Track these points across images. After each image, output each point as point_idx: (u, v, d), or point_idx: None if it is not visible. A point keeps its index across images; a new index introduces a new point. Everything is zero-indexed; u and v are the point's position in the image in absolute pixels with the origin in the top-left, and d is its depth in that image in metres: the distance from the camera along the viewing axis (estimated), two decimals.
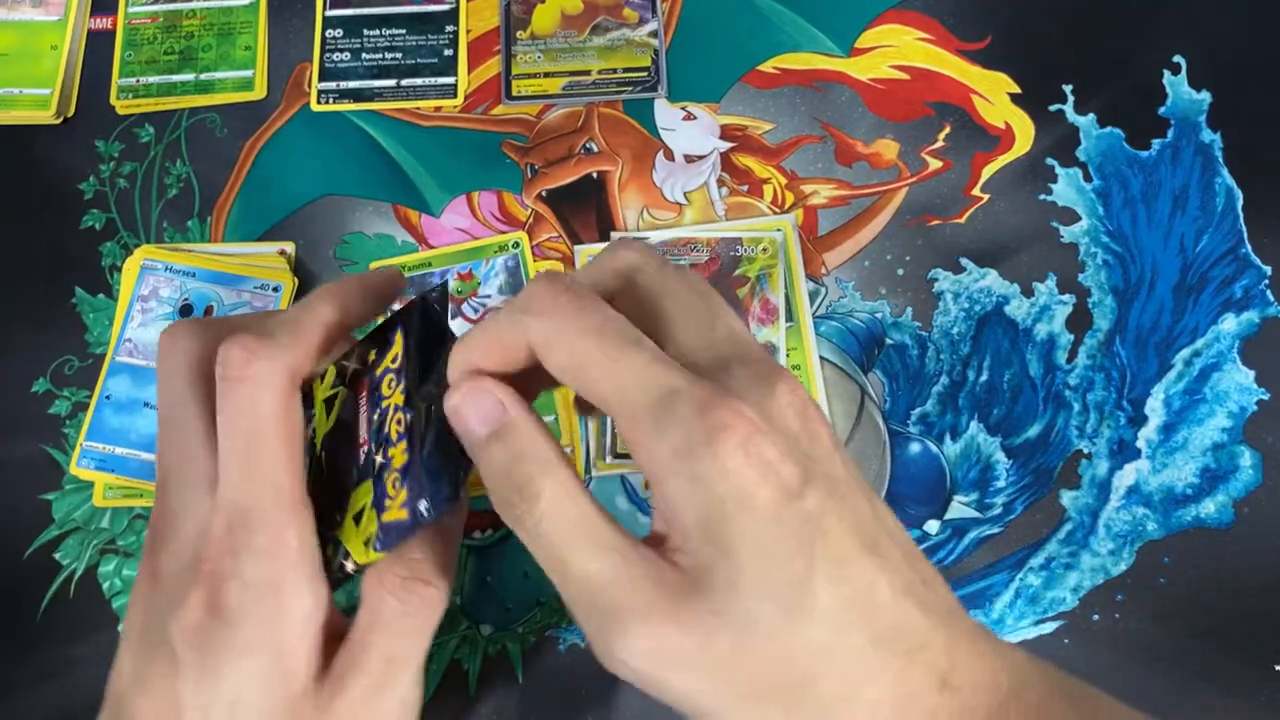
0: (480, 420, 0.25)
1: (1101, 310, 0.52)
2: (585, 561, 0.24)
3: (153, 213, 0.55)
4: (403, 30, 0.58)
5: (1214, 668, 0.47)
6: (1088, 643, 0.47)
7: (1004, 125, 0.55)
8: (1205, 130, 0.54)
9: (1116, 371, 0.51)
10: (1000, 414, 0.51)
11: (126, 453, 0.49)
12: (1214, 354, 0.51)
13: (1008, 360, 0.51)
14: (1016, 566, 0.48)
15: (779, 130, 0.55)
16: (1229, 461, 0.49)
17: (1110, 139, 0.54)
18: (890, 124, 0.55)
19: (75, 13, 0.59)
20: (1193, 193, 0.53)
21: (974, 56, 0.56)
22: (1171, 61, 0.55)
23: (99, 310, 0.54)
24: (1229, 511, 0.49)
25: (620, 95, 0.56)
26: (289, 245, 0.54)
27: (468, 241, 0.54)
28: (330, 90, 0.57)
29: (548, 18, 0.58)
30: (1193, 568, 0.48)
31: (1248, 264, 0.52)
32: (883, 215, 0.54)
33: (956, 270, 0.52)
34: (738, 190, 0.54)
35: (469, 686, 0.47)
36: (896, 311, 0.52)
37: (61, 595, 0.49)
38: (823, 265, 0.53)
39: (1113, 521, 0.49)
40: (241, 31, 0.58)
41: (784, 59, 0.56)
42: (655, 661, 0.23)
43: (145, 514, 0.51)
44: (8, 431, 0.52)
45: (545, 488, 0.24)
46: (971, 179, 0.54)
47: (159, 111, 0.57)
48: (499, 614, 0.48)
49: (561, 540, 0.24)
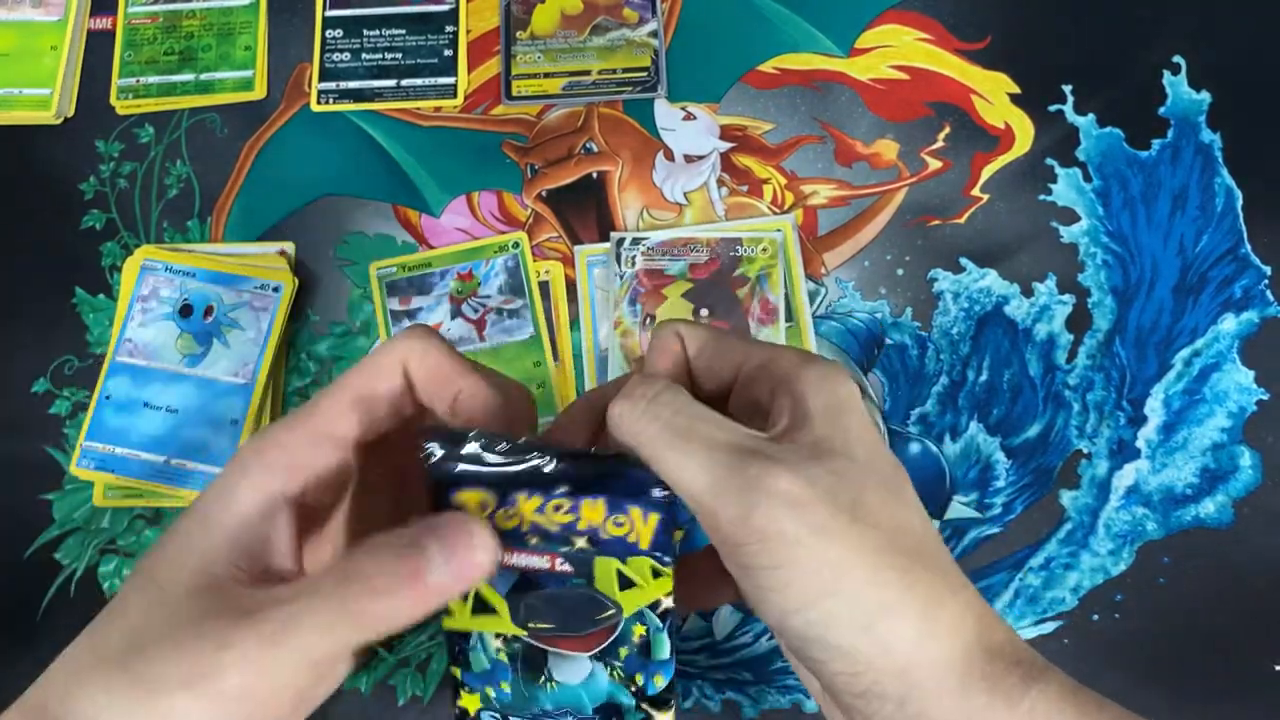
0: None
1: (1101, 310, 0.52)
2: (729, 433, 0.27)
3: (153, 213, 0.55)
4: (403, 30, 0.58)
5: (1214, 668, 0.47)
6: (1088, 643, 0.47)
7: (1004, 125, 0.55)
8: (1205, 130, 0.54)
9: (1116, 371, 0.51)
10: (1000, 414, 0.51)
11: (126, 453, 0.49)
12: (1214, 354, 0.51)
13: (1007, 360, 0.51)
14: (1016, 566, 0.48)
15: (779, 130, 0.55)
16: (1229, 461, 0.49)
17: (1110, 139, 0.54)
18: (890, 124, 0.55)
19: (75, 13, 0.59)
20: (1192, 193, 0.53)
21: (974, 56, 0.56)
22: (1171, 61, 0.55)
23: (99, 310, 0.54)
24: (1229, 511, 0.49)
25: (620, 95, 0.56)
26: (289, 245, 0.54)
27: (468, 241, 0.54)
28: (330, 90, 0.57)
29: (548, 18, 0.58)
30: (1193, 568, 0.48)
31: (1247, 264, 0.52)
32: (882, 215, 0.54)
33: (956, 270, 0.52)
34: (738, 190, 0.54)
35: None
36: (896, 311, 0.52)
37: (61, 595, 0.49)
38: (823, 265, 0.53)
39: (1112, 521, 0.49)
40: (241, 32, 0.58)
41: (784, 59, 0.56)
42: (791, 507, 0.25)
43: (145, 514, 0.51)
44: (8, 431, 0.52)
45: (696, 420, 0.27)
46: (971, 179, 0.54)
47: (159, 111, 0.57)
48: None
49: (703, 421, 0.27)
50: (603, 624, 0.28)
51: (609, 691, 0.29)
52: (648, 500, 0.27)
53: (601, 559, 0.27)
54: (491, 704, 0.29)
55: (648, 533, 0.27)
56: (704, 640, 0.48)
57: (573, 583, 0.27)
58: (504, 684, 0.29)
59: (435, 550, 0.25)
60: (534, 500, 0.27)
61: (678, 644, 0.28)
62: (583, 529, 0.27)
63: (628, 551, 0.27)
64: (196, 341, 0.51)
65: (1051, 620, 0.48)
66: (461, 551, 0.25)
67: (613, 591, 0.28)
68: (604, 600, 0.28)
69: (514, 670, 0.28)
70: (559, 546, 0.27)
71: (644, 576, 0.27)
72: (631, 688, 0.28)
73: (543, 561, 0.27)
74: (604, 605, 0.28)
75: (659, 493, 0.27)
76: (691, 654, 0.48)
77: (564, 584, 0.28)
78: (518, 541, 0.27)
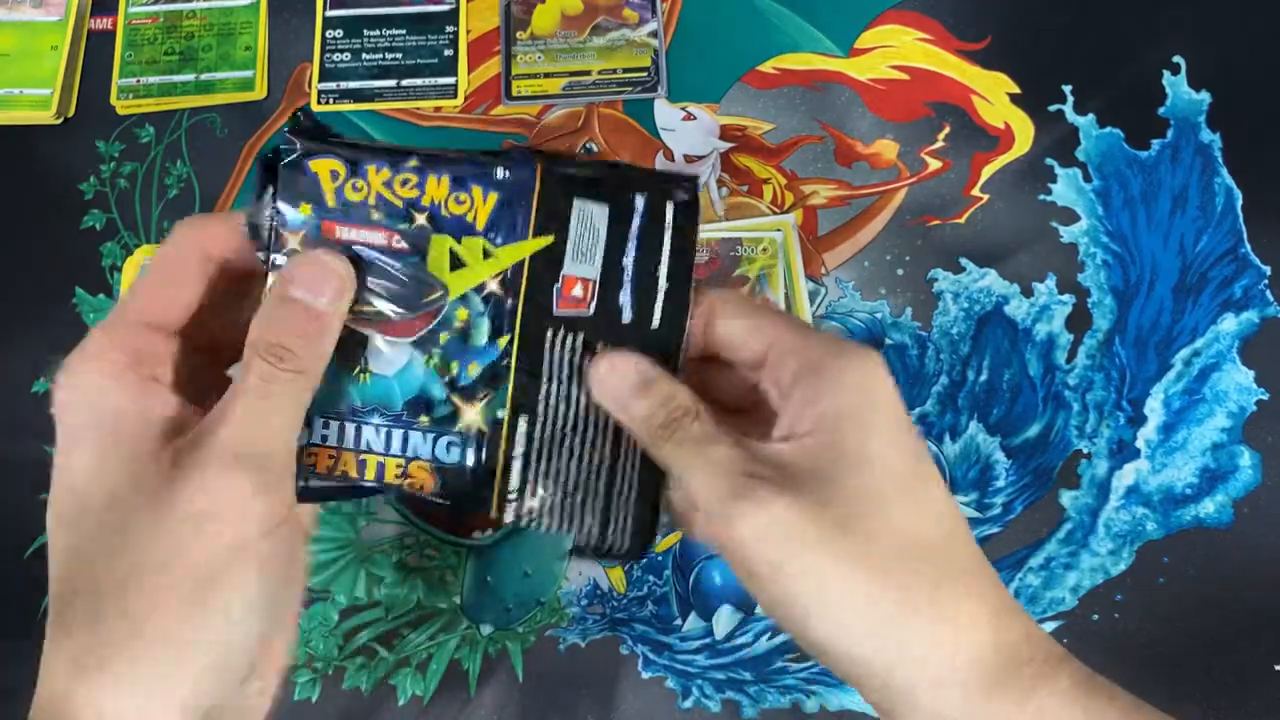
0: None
1: (1101, 310, 0.52)
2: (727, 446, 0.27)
3: (153, 213, 0.55)
4: (403, 30, 0.58)
5: (1214, 668, 0.47)
6: (1087, 643, 0.47)
7: (1004, 125, 0.55)
8: (1205, 130, 0.54)
9: (1116, 371, 0.51)
10: (1000, 414, 0.51)
11: None
12: (1213, 354, 0.51)
13: (1007, 360, 0.51)
14: (1016, 566, 0.48)
15: (779, 130, 0.55)
16: (1228, 461, 0.49)
17: (1110, 139, 0.54)
18: (890, 124, 0.55)
19: (75, 13, 0.59)
20: (1192, 193, 0.53)
21: (974, 56, 0.56)
22: (1171, 61, 0.55)
23: (99, 310, 0.54)
24: (1229, 511, 0.49)
25: (620, 95, 0.56)
26: None
27: None
28: (330, 90, 0.57)
29: (548, 18, 0.58)
30: (1192, 568, 0.48)
31: (1247, 264, 0.52)
32: (882, 215, 0.54)
33: (956, 270, 0.52)
34: (738, 190, 0.54)
35: (469, 686, 0.47)
36: (896, 311, 0.52)
37: None
38: (822, 265, 0.53)
39: (1112, 521, 0.49)
40: (242, 32, 0.58)
41: (784, 59, 0.56)
42: (775, 526, 0.25)
43: None
44: (8, 431, 0.52)
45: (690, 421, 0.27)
46: (971, 179, 0.54)
47: (159, 112, 0.57)
48: (499, 614, 0.48)
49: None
50: (428, 306, 0.28)
51: (421, 383, 0.28)
52: (489, 179, 0.27)
53: (437, 237, 0.27)
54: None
55: (485, 211, 0.27)
56: (704, 640, 0.48)
57: (406, 261, 0.27)
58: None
59: (300, 291, 0.26)
60: (383, 174, 0.27)
61: (506, 331, 0.27)
62: (425, 205, 0.27)
63: (464, 230, 0.27)
64: None
65: (1051, 620, 0.48)
66: (319, 273, 0.27)
67: (443, 273, 0.28)
68: (433, 281, 0.28)
69: (330, 361, 0.28)
70: (399, 223, 0.27)
71: (475, 257, 0.27)
72: (445, 377, 0.28)
73: (380, 238, 0.28)
74: (432, 286, 0.28)
75: (500, 172, 0.27)
76: (691, 654, 0.48)
77: (398, 262, 0.28)
78: (361, 217, 0.28)
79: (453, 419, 0.28)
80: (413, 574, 0.49)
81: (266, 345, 0.26)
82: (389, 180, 0.27)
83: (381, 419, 0.28)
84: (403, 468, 0.29)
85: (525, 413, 0.28)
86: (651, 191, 0.28)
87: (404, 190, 0.27)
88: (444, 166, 0.27)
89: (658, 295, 0.28)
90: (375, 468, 0.29)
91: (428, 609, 0.49)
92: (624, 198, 0.28)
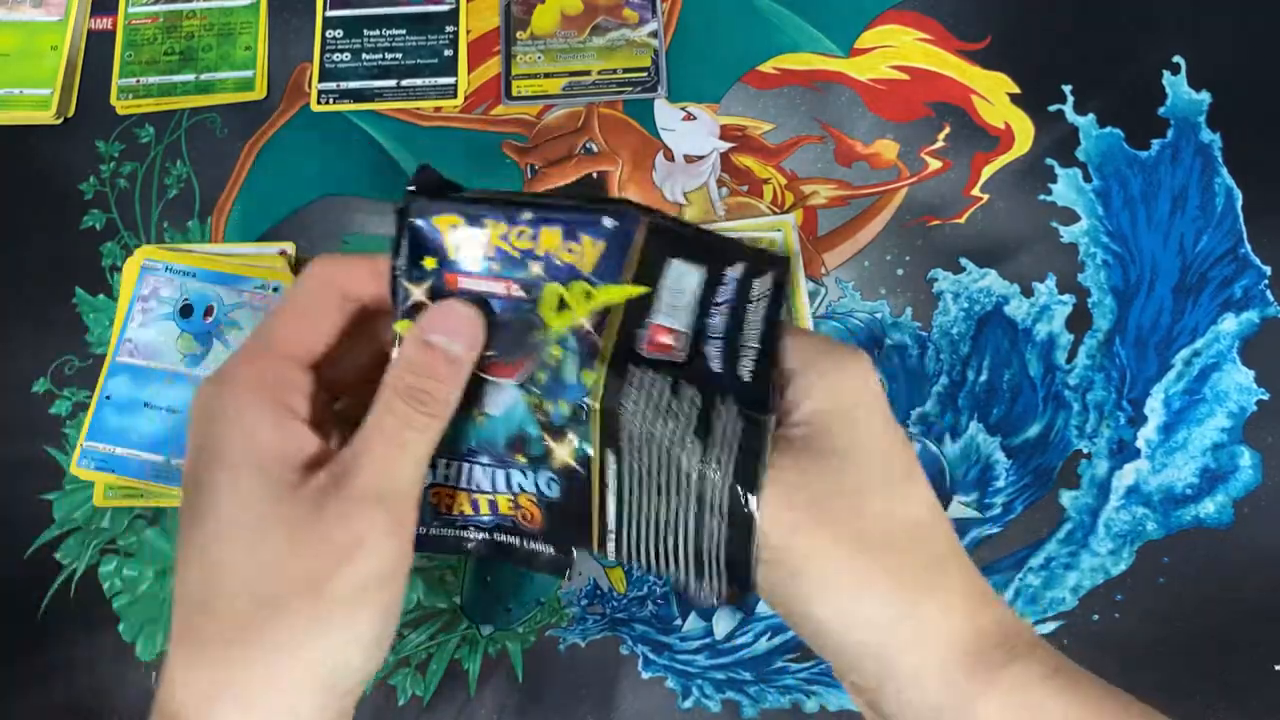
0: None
1: (1101, 310, 0.52)
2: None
3: (153, 213, 0.55)
4: (403, 30, 0.58)
5: (1214, 668, 0.47)
6: (1087, 643, 0.47)
7: (1004, 125, 0.55)
8: (1205, 130, 0.54)
9: (1116, 371, 0.51)
10: (1000, 414, 0.51)
11: (126, 453, 0.49)
12: (1214, 354, 0.51)
13: (1007, 360, 0.51)
14: (1016, 566, 0.48)
15: (779, 130, 0.55)
16: (1229, 461, 0.49)
17: (1110, 139, 0.54)
18: (890, 124, 0.55)
19: (75, 13, 0.59)
20: (1192, 193, 0.53)
21: (974, 56, 0.56)
22: (1171, 61, 0.55)
23: (99, 310, 0.54)
24: (1229, 511, 0.49)
25: (620, 95, 0.56)
26: (289, 246, 0.54)
27: None
28: (330, 90, 0.57)
29: (548, 18, 0.58)
30: (1193, 568, 0.48)
31: (1247, 264, 0.52)
32: (882, 215, 0.54)
33: (956, 270, 0.52)
34: (738, 190, 0.54)
35: (469, 686, 0.47)
36: (896, 311, 0.52)
37: (61, 595, 0.49)
38: (822, 265, 0.53)
39: (1112, 521, 0.49)
40: (242, 32, 0.58)
41: (784, 59, 0.56)
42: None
43: (145, 514, 0.51)
44: (8, 431, 0.52)
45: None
46: (971, 179, 0.54)
47: (159, 112, 0.57)
48: (499, 614, 0.48)
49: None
50: (534, 348, 0.29)
51: (520, 422, 0.29)
52: (598, 228, 0.28)
53: (549, 285, 0.29)
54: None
55: (592, 256, 0.28)
56: (704, 640, 0.48)
57: (520, 306, 0.29)
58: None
59: (439, 337, 0.28)
60: (500, 227, 0.29)
61: (593, 368, 0.28)
62: (539, 255, 0.28)
63: (571, 276, 0.28)
64: (197, 341, 0.51)
65: (1051, 620, 0.48)
66: (455, 321, 0.28)
67: (550, 315, 0.29)
68: (540, 324, 0.29)
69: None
70: (516, 272, 0.29)
71: (577, 299, 0.28)
72: (539, 415, 0.29)
73: (500, 287, 0.29)
74: (536, 326, 0.29)
75: (609, 222, 0.28)
76: (691, 654, 0.48)
77: (514, 308, 0.29)
78: (481, 268, 0.29)
79: (547, 456, 0.29)
80: (412, 574, 0.49)
81: (406, 388, 0.27)
82: (505, 234, 0.29)
83: (488, 459, 0.30)
84: (513, 501, 0.30)
85: (612, 449, 0.28)
86: (747, 264, 0.29)
87: (519, 242, 0.29)
88: (556, 217, 0.29)
89: (747, 352, 0.29)
90: (488, 505, 0.30)
91: (428, 609, 0.49)
92: (718, 266, 0.29)
